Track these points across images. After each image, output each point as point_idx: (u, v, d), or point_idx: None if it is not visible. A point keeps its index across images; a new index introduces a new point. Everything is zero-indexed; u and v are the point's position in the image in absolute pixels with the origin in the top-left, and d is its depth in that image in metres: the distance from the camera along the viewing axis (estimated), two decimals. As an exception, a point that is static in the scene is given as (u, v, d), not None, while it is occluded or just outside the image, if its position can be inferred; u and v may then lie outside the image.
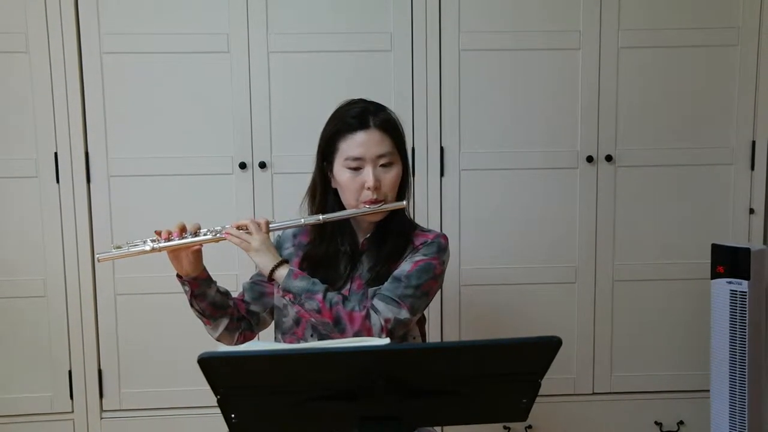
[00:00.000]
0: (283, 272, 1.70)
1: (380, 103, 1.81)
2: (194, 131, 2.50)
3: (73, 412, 2.56)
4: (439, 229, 2.50)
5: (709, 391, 2.56)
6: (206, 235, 1.72)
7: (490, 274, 2.60)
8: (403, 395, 1.31)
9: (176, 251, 1.71)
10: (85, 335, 2.53)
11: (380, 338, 1.64)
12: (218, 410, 1.32)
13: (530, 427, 2.65)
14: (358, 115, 1.75)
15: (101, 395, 2.57)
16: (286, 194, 2.45)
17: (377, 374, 1.29)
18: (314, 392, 1.31)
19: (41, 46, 2.42)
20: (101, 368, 2.56)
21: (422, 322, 1.96)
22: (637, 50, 2.54)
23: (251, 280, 1.90)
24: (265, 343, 2.09)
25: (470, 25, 2.50)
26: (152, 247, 1.69)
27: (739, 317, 2.42)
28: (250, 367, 1.29)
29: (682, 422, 2.69)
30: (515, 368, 1.34)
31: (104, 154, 2.48)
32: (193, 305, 1.78)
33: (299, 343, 1.78)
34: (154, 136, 2.49)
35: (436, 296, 1.91)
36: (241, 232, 1.72)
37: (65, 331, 2.53)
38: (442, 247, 1.80)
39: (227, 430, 1.35)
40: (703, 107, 2.59)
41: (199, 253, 1.74)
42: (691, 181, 2.61)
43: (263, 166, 2.51)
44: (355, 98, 1.82)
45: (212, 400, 1.30)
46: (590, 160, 2.57)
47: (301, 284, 1.69)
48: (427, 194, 2.55)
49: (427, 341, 2.14)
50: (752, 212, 2.62)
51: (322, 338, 1.73)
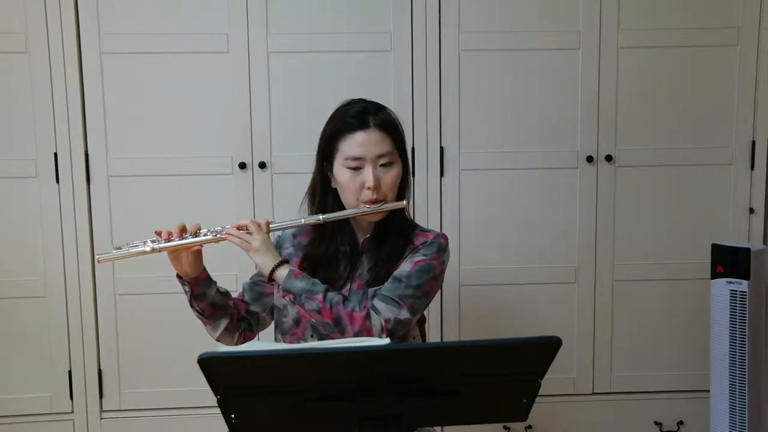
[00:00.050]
0: (283, 272, 1.70)
1: (380, 103, 1.81)
2: (194, 131, 2.50)
3: (72, 412, 2.56)
4: (439, 229, 2.50)
5: (708, 391, 2.56)
6: (206, 235, 1.72)
7: (489, 274, 2.60)
8: (403, 395, 1.31)
9: (176, 252, 1.71)
10: (85, 335, 2.53)
11: (380, 338, 1.64)
12: (218, 410, 1.32)
13: (530, 427, 2.65)
14: (358, 114, 1.75)
15: (101, 395, 2.57)
16: (286, 194, 2.45)
17: (377, 374, 1.29)
18: (314, 392, 1.31)
19: (41, 46, 2.42)
20: (101, 368, 2.56)
21: (422, 322, 1.96)
22: (637, 50, 2.54)
23: (251, 280, 1.90)
24: (265, 343, 2.09)
25: (470, 25, 2.50)
26: (152, 247, 1.69)
27: (739, 317, 2.42)
28: (250, 367, 1.29)
29: (682, 422, 2.69)
30: (515, 368, 1.34)
31: (104, 154, 2.48)
32: (193, 305, 1.78)
33: (299, 343, 1.78)
34: (154, 136, 2.49)
35: (436, 296, 1.91)
36: (241, 232, 1.72)
37: (65, 331, 2.52)
38: (442, 247, 1.80)
39: (227, 430, 1.35)
40: (703, 107, 2.59)
41: (199, 253, 1.74)
42: (691, 181, 2.61)
43: (263, 166, 2.51)
44: (355, 98, 1.82)
45: (212, 400, 1.30)
46: (590, 160, 2.57)
47: (301, 284, 1.69)
48: (427, 194, 2.55)
49: (427, 341, 2.14)
50: (752, 212, 2.62)
51: (322, 338, 1.73)
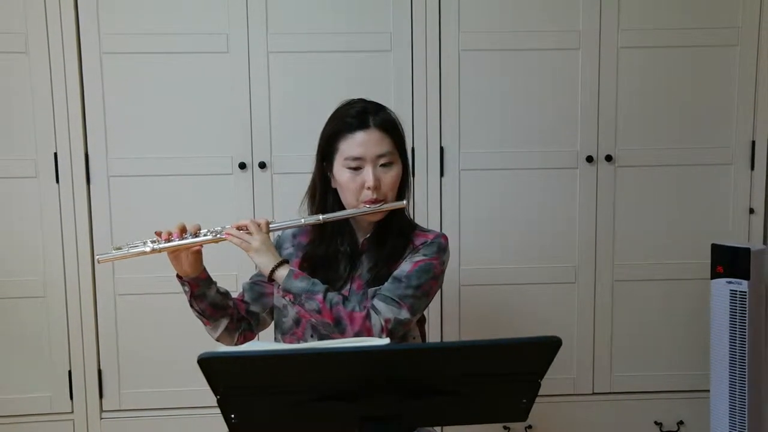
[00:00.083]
0: (283, 272, 1.70)
1: (380, 102, 1.81)
2: (194, 131, 2.50)
3: (72, 412, 2.56)
4: (439, 229, 2.50)
5: (708, 391, 2.56)
6: (206, 235, 1.72)
7: (489, 274, 2.60)
8: (403, 395, 1.31)
9: (176, 252, 1.71)
10: (84, 335, 2.53)
11: (380, 338, 1.64)
12: (218, 410, 1.32)
13: (530, 427, 2.65)
14: (357, 114, 1.75)
15: (101, 395, 2.57)
16: (286, 194, 2.45)
17: (377, 374, 1.29)
18: (314, 392, 1.31)
19: (41, 46, 2.42)
20: (101, 368, 2.56)
21: (422, 322, 1.96)
22: (637, 50, 2.54)
23: (251, 280, 1.90)
24: (265, 343, 2.09)
25: (470, 25, 2.50)
26: (152, 248, 1.69)
27: (739, 317, 2.42)
28: (250, 367, 1.29)
29: (682, 422, 2.69)
30: (515, 368, 1.34)
31: (104, 154, 2.48)
32: (192, 306, 1.78)
33: (299, 343, 1.78)
34: (153, 136, 2.49)
35: (436, 296, 1.91)
36: (241, 232, 1.72)
37: (65, 331, 2.52)
38: (442, 247, 1.80)
39: (227, 430, 1.35)
40: (703, 107, 2.59)
41: (199, 253, 1.74)
42: (691, 181, 2.61)
43: (263, 166, 2.51)
44: (354, 98, 1.82)
45: (212, 400, 1.30)
46: (590, 160, 2.57)
47: (301, 284, 1.69)
48: (427, 194, 2.55)
49: (427, 341, 2.14)
50: (752, 212, 2.62)
51: (322, 338, 1.73)
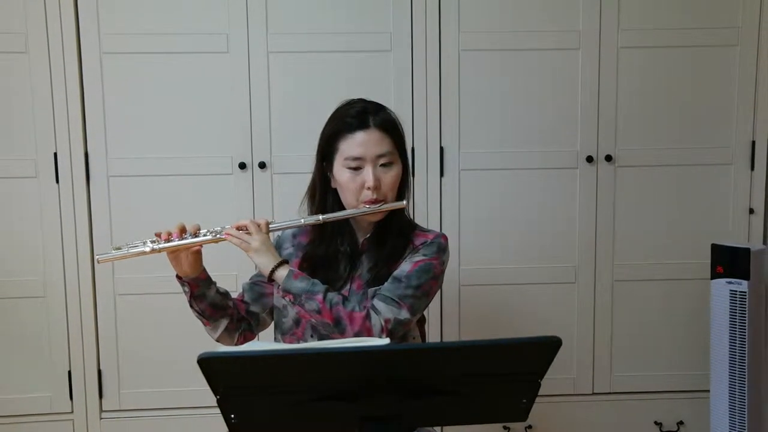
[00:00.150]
0: (283, 273, 1.70)
1: (380, 103, 1.81)
2: (194, 131, 2.50)
3: (72, 412, 2.56)
4: (439, 229, 2.50)
5: (708, 391, 2.56)
6: (206, 235, 1.71)
7: (489, 274, 2.60)
8: (403, 395, 1.31)
9: (176, 252, 1.71)
10: (84, 336, 2.53)
11: (380, 338, 1.64)
12: (218, 410, 1.32)
13: (530, 427, 2.65)
14: (357, 114, 1.75)
15: (101, 396, 2.57)
16: (285, 194, 2.45)
17: (377, 374, 1.29)
18: (314, 392, 1.31)
19: (41, 46, 2.42)
20: (101, 368, 2.56)
21: (422, 322, 1.96)
22: (637, 50, 2.54)
23: (251, 280, 1.90)
24: (265, 343, 2.09)
25: (470, 25, 2.50)
26: (152, 248, 1.69)
27: (738, 317, 2.42)
28: (250, 367, 1.29)
29: (681, 422, 2.69)
30: (515, 368, 1.34)
31: (104, 154, 2.48)
32: (192, 306, 1.78)
33: (299, 343, 1.78)
34: (153, 136, 2.49)
35: (436, 296, 1.91)
36: (241, 232, 1.72)
37: (65, 331, 2.52)
38: (441, 247, 1.80)
39: (227, 430, 1.35)
40: (703, 107, 2.59)
41: (198, 254, 1.74)
42: (691, 181, 2.61)
43: (263, 166, 2.51)
44: (354, 98, 1.82)
45: (212, 400, 1.30)
46: (590, 160, 2.57)
47: (301, 285, 1.69)
48: (426, 194, 2.55)
49: (427, 341, 2.14)
50: (752, 212, 2.62)
51: (322, 338, 1.73)
